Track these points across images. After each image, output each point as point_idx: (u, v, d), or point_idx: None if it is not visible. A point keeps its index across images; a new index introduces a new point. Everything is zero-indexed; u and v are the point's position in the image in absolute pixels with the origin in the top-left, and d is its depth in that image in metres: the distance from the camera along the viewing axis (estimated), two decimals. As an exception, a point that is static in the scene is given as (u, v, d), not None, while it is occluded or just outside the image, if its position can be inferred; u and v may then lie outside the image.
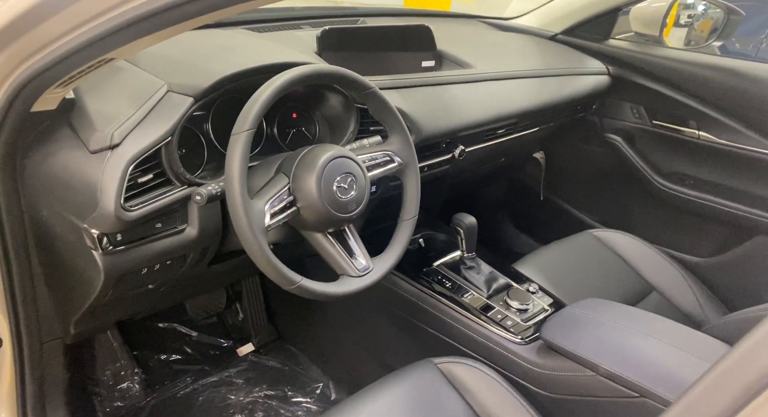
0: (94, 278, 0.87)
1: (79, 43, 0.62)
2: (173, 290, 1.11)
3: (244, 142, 0.79)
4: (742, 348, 0.35)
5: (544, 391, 1.06)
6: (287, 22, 1.40)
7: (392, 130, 1.01)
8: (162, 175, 0.86)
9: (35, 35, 0.64)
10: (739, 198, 1.53)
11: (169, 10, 0.57)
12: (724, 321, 1.12)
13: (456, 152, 1.31)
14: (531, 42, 1.74)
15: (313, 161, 0.87)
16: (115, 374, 1.43)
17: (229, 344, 1.67)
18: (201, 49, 1.01)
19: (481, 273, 1.28)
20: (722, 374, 0.36)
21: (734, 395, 0.34)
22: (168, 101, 0.86)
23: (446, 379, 1.00)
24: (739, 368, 0.35)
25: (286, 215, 0.86)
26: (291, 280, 0.83)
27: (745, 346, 0.35)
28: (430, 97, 1.24)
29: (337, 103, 1.11)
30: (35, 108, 0.75)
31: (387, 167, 1.00)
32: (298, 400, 1.50)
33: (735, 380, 0.34)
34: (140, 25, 0.59)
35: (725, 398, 0.34)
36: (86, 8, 0.60)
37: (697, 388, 0.37)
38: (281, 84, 0.83)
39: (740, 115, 1.49)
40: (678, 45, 1.75)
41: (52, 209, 0.85)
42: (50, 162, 0.82)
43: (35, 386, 1.02)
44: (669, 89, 1.61)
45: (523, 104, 1.43)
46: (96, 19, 0.60)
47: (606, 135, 1.79)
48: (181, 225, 0.92)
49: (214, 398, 1.48)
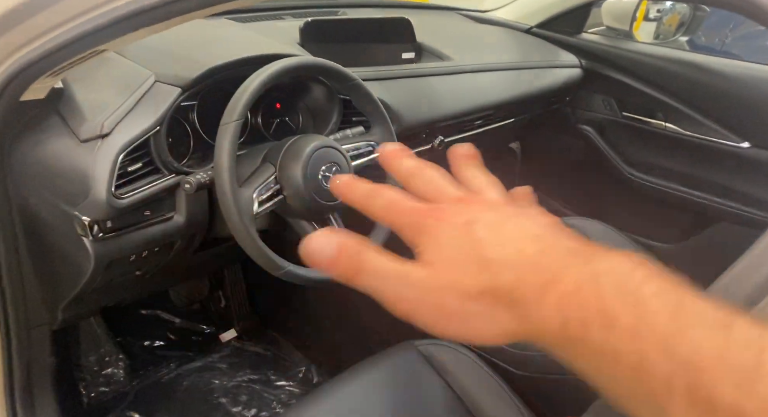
0: (83, 265, 0.88)
1: (73, 36, 0.63)
2: (159, 277, 1.13)
3: (232, 132, 0.82)
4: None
5: (520, 371, 1.11)
6: (269, 13, 1.41)
7: (375, 120, 1.04)
8: (151, 163, 0.88)
9: (28, 26, 0.65)
10: (703, 187, 1.61)
11: (166, 5, 0.59)
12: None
13: (435, 142, 1.35)
14: (507, 35, 1.79)
15: (299, 151, 0.90)
16: (100, 360, 1.44)
17: (211, 330, 1.70)
18: (187, 39, 1.02)
19: (459, 259, 1.33)
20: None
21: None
22: (156, 91, 0.87)
23: (426, 360, 1.05)
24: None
25: (273, 203, 0.89)
26: (279, 265, 0.86)
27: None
28: (411, 88, 1.27)
29: (320, 94, 1.13)
30: (24, 97, 0.76)
31: (370, 157, 1.03)
32: (281, 384, 1.53)
33: None
34: (136, 18, 0.61)
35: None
36: (80, 1, 0.62)
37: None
38: (269, 75, 0.85)
39: (705, 108, 1.56)
40: (647, 39, 1.81)
41: (41, 197, 0.86)
42: (39, 150, 0.83)
43: (22, 371, 1.03)
44: (638, 82, 1.67)
45: (500, 96, 1.48)
46: (91, 11, 0.62)
47: (578, 126, 1.85)
48: (169, 213, 0.94)
49: (198, 383, 1.50)
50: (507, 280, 0.29)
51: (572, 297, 0.27)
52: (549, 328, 0.28)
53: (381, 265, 0.32)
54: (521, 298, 0.28)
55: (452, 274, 0.31)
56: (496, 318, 0.30)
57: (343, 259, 0.33)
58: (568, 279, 0.27)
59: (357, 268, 0.33)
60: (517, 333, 0.30)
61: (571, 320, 0.27)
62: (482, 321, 0.30)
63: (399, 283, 0.32)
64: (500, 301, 0.29)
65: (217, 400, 1.47)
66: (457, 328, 0.31)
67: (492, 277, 0.30)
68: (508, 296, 0.29)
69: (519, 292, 0.29)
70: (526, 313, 0.29)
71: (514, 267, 0.29)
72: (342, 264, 0.33)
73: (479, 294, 0.30)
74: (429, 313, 0.31)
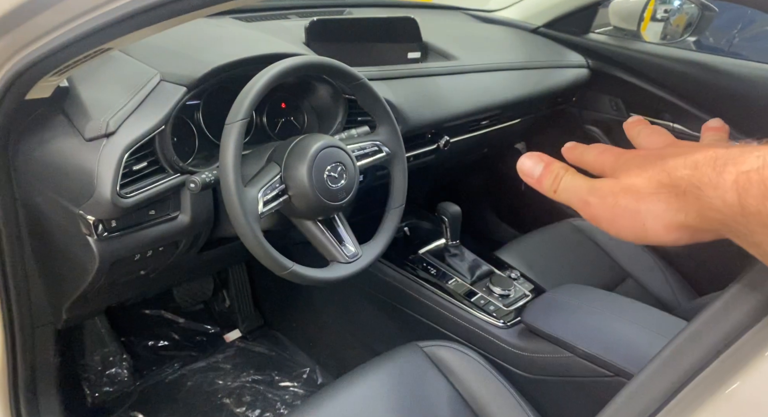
0: (88, 264, 0.88)
1: (78, 34, 0.63)
2: (163, 276, 1.13)
3: (238, 131, 0.81)
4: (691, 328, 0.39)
5: (524, 373, 1.10)
6: (274, 12, 1.41)
7: (380, 120, 1.03)
8: (156, 163, 0.87)
9: (34, 24, 0.65)
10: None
11: (170, 3, 0.58)
12: (694, 304, 1.17)
13: (441, 143, 1.35)
14: (513, 34, 1.78)
15: (305, 151, 0.89)
16: (104, 360, 1.44)
17: (215, 331, 1.70)
18: (191, 38, 1.02)
19: (465, 260, 1.32)
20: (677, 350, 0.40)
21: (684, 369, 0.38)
22: (161, 90, 0.87)
23: (432, 361, 1.04)
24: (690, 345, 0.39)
25: (278, 203, 0.88)
26: (284, 265, 0.85)
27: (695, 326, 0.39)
28: (417, 88, 1.27)
29: (325, 93, 1.13)
30: (29, 96, 0.76)
31: (375, 157, 1.03)
32: (286, 385, 1.53)
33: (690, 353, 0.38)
34: (140, 16, 0.60)
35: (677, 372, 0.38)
36: None
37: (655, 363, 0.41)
38: (274, 75, 0.85)
39: (713, 109, 1.55)
40: (654, 39, 1.80)
41: (46, 196, 0.86)
42: (44, 149, 0.83)
43: (27, 371, 1.03)
44: (645, 83, 1.66)
45: (507, 96, 1.47)
46: (96, 9, 0.61)
47: (585, 126, 1.84)
48: (173, 212, 0.93)
49: (202, 383, 1.50)
50: (683, 175, 0.33)
51: (751, 174, 0.30)
52: (725, 206, 0.31)
53: (575, 180, 0.40)
54: (697, 184, 0.32)
55: (631, 179, 0.36)
56: (667, 212, 0.34)
57: (547, 177, 0.41)
58: (744, 162, 0.30)
59: (557, 184, 0.41)
60: (687, 224, 0.34)
61: (749, 195, 0.29)
62: (653, 217, 0.35)
63: (586, 191, 0.39)
64: (672, 193, 0.34)
65: (221, 400, 1.47)
66: (630, 226, 0.36)
67: (668, 176, 0.34)
68: (682, 187, 0.33)
69: (695, 179, 0.32)
70: (701, 198, 0.32)
71: (690, 164, 0.33)
72: (546, 181, 0.41)
73: (653, 192, 0.35)
74: (606, 213, 0.37)
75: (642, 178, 0.36)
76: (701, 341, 0.37)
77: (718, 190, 0.31)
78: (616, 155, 0.40)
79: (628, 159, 0.39)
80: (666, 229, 0.35)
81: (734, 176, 0.30)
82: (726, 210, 0.31)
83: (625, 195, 0.36)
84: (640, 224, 0.35)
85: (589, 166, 0.43)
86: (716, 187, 0.31)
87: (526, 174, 0.42)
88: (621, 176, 0.38)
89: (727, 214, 0.31)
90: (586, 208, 0.39)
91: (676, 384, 0.37)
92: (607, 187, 0.38)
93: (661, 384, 0.38)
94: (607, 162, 0.41)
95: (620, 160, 0.39)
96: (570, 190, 0.40)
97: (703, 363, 0.36)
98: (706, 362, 0.36)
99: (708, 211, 0.32)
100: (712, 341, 0.36)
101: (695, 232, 0.34)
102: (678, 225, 0.34)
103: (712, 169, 0.32)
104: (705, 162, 0.32)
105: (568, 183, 0.40)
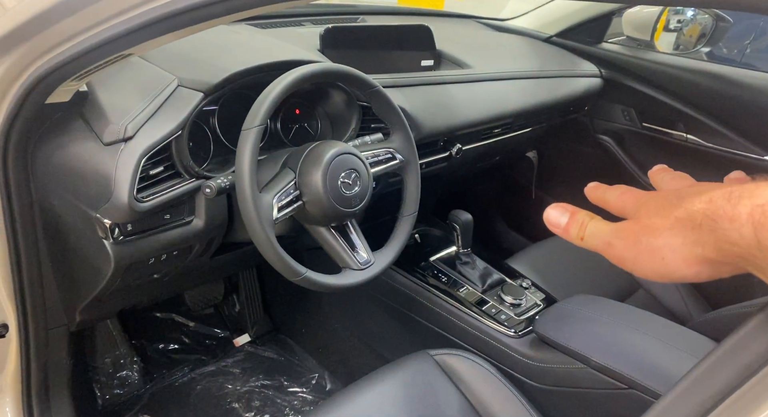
0: (103, 267, 0.89)
1: (101, 40, 0.64)
2: (176, 280, 1.14)
3: (254, 137, 0.82)
4: (725, 346, 0.39)
5: (536, 383, 1.10)
6: (289, 19, 1.42)
7: (394, 128, 1.04)
8: (172, 167, 0.88)
9: (57, 30, 0.66)
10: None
11: (192, 11, 0.59)
12: (707, 317, 1.16)
13: (453, 150, 1.35)
14: (526, 43, 1.78)
15: (319, 157, 0.90)
16: (115, 362, 1.45)
17: (225, 335, 1.70)
18: (208, 44, 1.03)
19: (476, 268, 1.32)
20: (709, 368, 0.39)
21: (717, 388, 0.37)
22: (179, 96, 0.88)
23: (442, 370, 1.04)
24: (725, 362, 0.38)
25: (293, 209, 0.89)
26: (297, 271, 0.86)
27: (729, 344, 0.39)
28: (430, 96, 1.27)
29: (339, 100, 1.13)
30: (49, 100, 0.77)
31: (389, 164, 1.03)
32: (294, 390, 1.53)
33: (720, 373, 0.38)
34: (162, 23, 0.61)
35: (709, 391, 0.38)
36: (109, 6, 0.62)
37: (685, 381, 0.40)
38: (291, 81, 0.85)
39: (726, 119, 1.54)
40: (668, 49, 1.79)
41: (63, 199, 0.87)
42: (62, 153, 0.84)
43: (40, 372, 1.04)
44: (659, 93, 1.65)
45: (519, 104, 1.47)
46: (119, 16, 0.62)
47: (597, 136, 1.83)
48: (188, 216, 0.94)
49: (211, 387, 1.50)
50: (698, 208, 0.34)
51: (766, 207, 0.30)
52: (741, 239, 0.31)
53: (599, 225, 0.41)
54: (712, 216, 0.33)
55: (650, 218, 0.38)
56: (685, 246, 0.35)
57: (573, 226, 0.43)
58: (760, 196, 0.31)
59: (583, 231, 0.42)
60: (705, 257, 0.34)
61: (765, 228, 0.30)
62: (671, 251, 0.35)
63: (609, 234, 0.40)
64: (688, 226, 0.34)
65: (230, 404, 1.47)
66: (651, 263, 0.37)
67: (684, 211, 0.35)
68: (697, 220, 0.34)
69: (710, 212, 0.33)
70: (716, 231, 0.32)
71: (706, 199, 0.34)
72: (572, 229, 0.43)
73: (670, 227, 0.36)
74: (628, 253, 0.38)
75: (660, 216, 0.37)
76: (734, 361, 0.37)
77: (734, 223, 0.31)
78: (637, 196, 0.42)
79: (649, 199, 0.40)
80: (685, 262, 0.35)
81: (749, 209, 0.31)
82: (743, 243, 0.31)
83: (645, 233, 0.37)
84: (660, 259, 0.36)
85: (611, 206, 0.44)
86: (732, 220, 0.31)
87: (553, 224, 0.44)
88: (642, 217, 0.39)
89: (743, 247, 0.31)
90: (610, 250, 0.40)
91: (707, 404, 0.37)
92: (628, 228, 0.39)
93: (690, 404, 0.38)
94: (628, 202, 0.42)
95: (641, 200, 0.41)
96: (595, 235, 0.41)
97: (736, 384, 0.36)
98: (738, 383, 0.36)
99: (724, 244, 0.32)
100: (746, 361, 0.36)
101: (715, 266, 0.34)
102: (696, 258, 0.35)
103: (728, 201, 0.32)
104: (721, 196, 0.33)
105: (592, 229, 0.42)
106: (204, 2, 0.57)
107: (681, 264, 0.35)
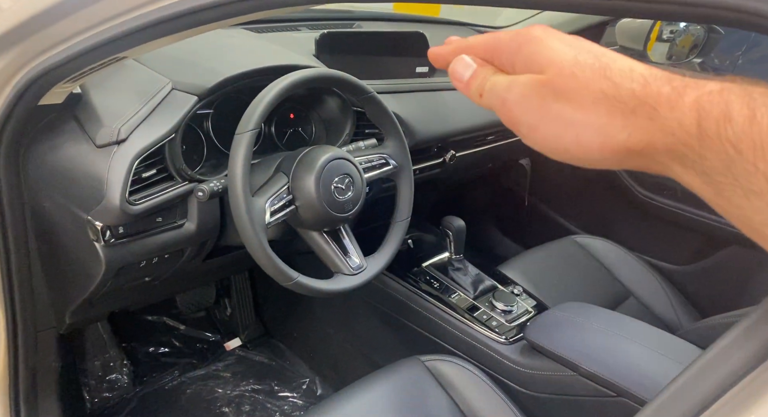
0: (94, 269, 0.89)
1: (96, 42, 0.64)
2: (168, 283, 1.13)
3: (247, 141, 0.82)
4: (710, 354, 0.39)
5: (526, 390, 1.10)
6: (285, 24, 1.42)
7: (388, 133, 1.04)
8: (165, 170, 0.88)
9: (52, 32, 0.66)
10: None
11: (187, 15, 0.59)
12: (697, 326, 1.17)
13: (447, 157, 1.35)
14: (521, 51, 1.79)
15: (313, 162, 0.90)
16: (104, 365, 1.44)
17: (216, 339, 1.69)
18: (203, 48, 1.03)
19: (468, 275, 1.32)
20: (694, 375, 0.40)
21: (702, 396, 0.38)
22: (172, 99, 0.88)
23: (432, 376, 1.04)
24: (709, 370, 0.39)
25: (285, 213, 0.89)
26: (289, 276, 0.86)
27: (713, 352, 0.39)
28: (425, 102, 1.28)
29: (334, 105, 1.14)
30: (42, 101, 0.76)
31: (382, 170, 1.03)
32: (285, 395, 1.52)
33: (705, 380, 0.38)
34: (158, 27, 0.61)
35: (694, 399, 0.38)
36: (105, 9, 0.62)
37: (670, 389, 0.41)
38: (285, 86, 0.86)
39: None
40: (660, 59, 1.81)
41: (55, 201, 0.86)
42: (54, 154, 0.84)
43: (28, 374, 1.03)
44: (652, 102, 1.66)
45: (513, 112, 1.48)
46: (114, 19, 0.62)
47: (590, 144, 1.84)
48: (180, 220, 0.94)
49: (201, 391, 1.50)
50: (631, 88, 0.29)
51: (713, 95, 0.27)
52: (680, 128, 0.28)
53: (500, 78, 0.34)
54: (651, 103, 0.29)
55: (565, 80, 0.31)
56: (608, 129, 0.30)
57: (474, 79, 0.36)
58: (705, 85, 0.28)
59: (482, 86, 0.35)
60: (626, 146, 0.29)
61: (710, 117, 0.27)
62: (590, 131, 0.30)
63: (507, 90, 0.33)
64: (618, 108, 0.29)
65: (220, 408, 1.46)
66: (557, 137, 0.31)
67: (611, 85, 0.29)
68: (630, 104, 0.29)
69: (649, 98, 0.29)
70: (654, 119, 0.28)
71: (638, 78, 0.29)
72: (473, 83, 0.36)
73: (594, 101, 0.30)
74: (527, 116, 0.32)
75: (580, 83, 0.30)
76: (719, 368, 0.37)
77: (675, 111, 0.28)
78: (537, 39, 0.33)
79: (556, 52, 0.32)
80: (601, 146, 0.30)
81: (694, 98, 0.28)
82: (679, 133, 0.28)
83: (558, 99, 0.31)
84: (572, 135, 0.31)
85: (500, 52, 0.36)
86: (673, 109, 0.28)
87: (456, 79, 0.37)
88: (553, 75, 0.31)
89: (679, 137, 0.28)
90: (505, 109, 0.33)
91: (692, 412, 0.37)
92: (535, 86, 0.32)
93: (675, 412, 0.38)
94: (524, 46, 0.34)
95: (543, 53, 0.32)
96: (494, 91, 0.34)
97: (720, 391, 0.36)
98: (723, 390, 0.36)
99: (658, 132, 0.28)
100: (731, 369, 0.36)
101: (631, 156, 0.30)
102: (617, 145, 0.30)
103: (671, 88, 0.29)
104: (658, 78, 0.29)
105: (493, 83, 0.35)
106: (199, 7, 0.57)
107: (595, 147, 0.30)
